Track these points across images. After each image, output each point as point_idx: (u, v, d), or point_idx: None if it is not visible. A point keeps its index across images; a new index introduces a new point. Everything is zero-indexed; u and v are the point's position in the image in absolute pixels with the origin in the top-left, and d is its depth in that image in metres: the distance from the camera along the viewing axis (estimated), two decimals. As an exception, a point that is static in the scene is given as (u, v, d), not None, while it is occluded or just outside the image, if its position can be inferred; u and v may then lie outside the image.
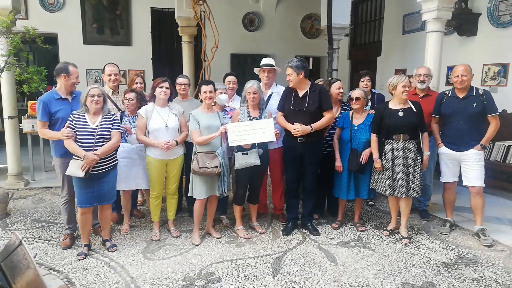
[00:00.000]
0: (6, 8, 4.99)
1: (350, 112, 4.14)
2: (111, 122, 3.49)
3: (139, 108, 3.93)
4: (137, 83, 4.43)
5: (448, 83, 6.73)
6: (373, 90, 4.87)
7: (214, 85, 3.85)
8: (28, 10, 8.13)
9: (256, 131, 3.69)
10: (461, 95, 3.93)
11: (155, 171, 3.85)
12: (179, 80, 4.33)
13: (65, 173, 3.39)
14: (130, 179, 3.96)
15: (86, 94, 3.36)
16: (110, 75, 4.20)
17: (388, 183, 3.86)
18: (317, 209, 4.42)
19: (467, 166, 3.94)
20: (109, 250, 3.61)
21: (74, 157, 3.33)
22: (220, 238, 3.93)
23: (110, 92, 4.23)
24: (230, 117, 4.06)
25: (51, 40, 7.69)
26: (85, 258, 3.46)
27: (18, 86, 4.96)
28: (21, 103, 8.26)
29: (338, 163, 4.07)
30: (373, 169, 3.98)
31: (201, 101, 3.92)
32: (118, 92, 4.34)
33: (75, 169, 3.29)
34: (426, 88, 4.38)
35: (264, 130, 3.69)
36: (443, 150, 4.07)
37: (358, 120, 4.07)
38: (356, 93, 4.04)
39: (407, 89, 3.77)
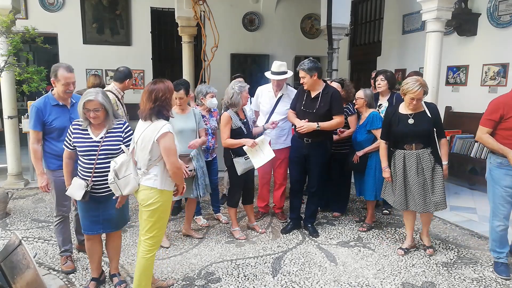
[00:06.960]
0: (6, 8, 4.99)
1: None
2: (121, 134, 2.80)
3: None
4: None
5: (448, 83, 6.73)
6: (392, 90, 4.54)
7: (187, 88, 3.60)
8: (28, 10, 8.12)
9: (262, 152, 3.73)
10: None
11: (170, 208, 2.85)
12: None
13: (65, 193, 2.81)
14: None
15: (82, 107, 2.67)
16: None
17: (399, 196, 3.47)
18: (337, 203, 4.58)
19: None
20: None
21: (78, 174, 2.78)
22: (202, 238, 3.89)
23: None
24: (216, 119, 4.00)
25: (51, 40, 7.69)
26: None
27: (18, 86, 4.97)
28: (21, 103, 8.26)
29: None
30: (384, 178, 3.65)
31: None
32: None
33: (75, 189, 2.72)
34: None
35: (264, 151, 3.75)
36: None
37: (360, 120, 4.13)
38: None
39: (414, 102, 3.30)
